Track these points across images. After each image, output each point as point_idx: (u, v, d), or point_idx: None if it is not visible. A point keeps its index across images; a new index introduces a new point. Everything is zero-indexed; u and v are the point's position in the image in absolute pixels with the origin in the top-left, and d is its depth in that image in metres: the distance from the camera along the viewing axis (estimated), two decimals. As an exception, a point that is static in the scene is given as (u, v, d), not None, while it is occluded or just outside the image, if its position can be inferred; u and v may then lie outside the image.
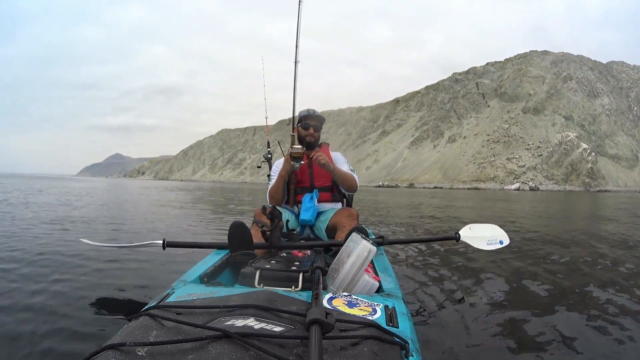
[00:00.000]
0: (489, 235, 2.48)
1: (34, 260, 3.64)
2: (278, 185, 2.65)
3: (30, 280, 2.93)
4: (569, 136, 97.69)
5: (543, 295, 2.85)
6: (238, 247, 1.92)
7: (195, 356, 0.80)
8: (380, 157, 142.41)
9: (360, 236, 1.61)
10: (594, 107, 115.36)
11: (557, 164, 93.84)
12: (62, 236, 5.27)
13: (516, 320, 2.28)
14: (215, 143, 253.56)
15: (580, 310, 2.50)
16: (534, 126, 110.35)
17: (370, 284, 1.56)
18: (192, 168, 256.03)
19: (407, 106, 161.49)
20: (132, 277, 3.16)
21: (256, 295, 1.15)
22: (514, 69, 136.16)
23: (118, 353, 0.82)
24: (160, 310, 1.04)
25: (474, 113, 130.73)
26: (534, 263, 3.89)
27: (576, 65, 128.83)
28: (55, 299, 2.53)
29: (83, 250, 3.97)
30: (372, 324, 1.00)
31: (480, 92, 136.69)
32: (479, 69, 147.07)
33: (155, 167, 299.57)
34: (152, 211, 10.44)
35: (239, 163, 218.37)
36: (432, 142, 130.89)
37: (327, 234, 2.53)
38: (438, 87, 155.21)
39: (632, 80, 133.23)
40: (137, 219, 8.18)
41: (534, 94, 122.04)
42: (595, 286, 3.07)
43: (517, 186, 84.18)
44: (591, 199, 28.00)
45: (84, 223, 7.05)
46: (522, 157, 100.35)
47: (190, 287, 1.47)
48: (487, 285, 3.08)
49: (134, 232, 6.03)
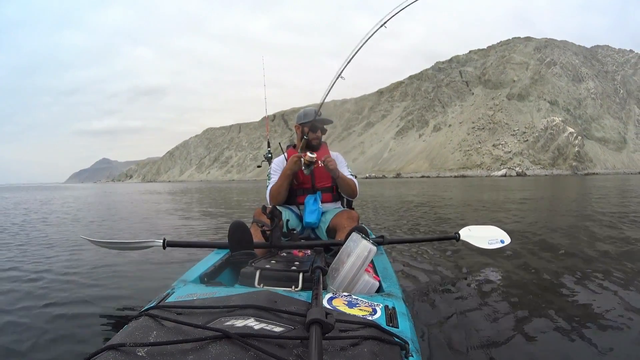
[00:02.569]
0: (490, 235, 2.51)
1: (34, 260, 3.73)
2: (282, 185, 2.59)
3: (30, 280, 3.00)
4: (555, 121, 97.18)
5: (544, 295, 2.80)
6: (238, 246, 1.93)
7: (195, 356, 0.80)
8: (366, 148, 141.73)
9: (361, 236, 1.60)
10: (579, 91, 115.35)
11: (544, 149, 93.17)
12: (62, 236, 5.40)
13: (516, 320, 2.29)
14: (201, 142, 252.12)
15: (580, 310, 2.48)
16: (519, 112, 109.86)
17: (370, 284, 1.55)
18: (179, 169, 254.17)
19: (391, 97, 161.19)
20: (132, 277, 3.15)
21: (256, 295, 1.15)
22: (497, 56, 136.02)
23: (118, 353, 0.82)
24: (160, 311, 1.04)
25: (458, 101, 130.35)
26: (535, 262, 3.75)
27: (560, 51, 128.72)
28: (55, 299, 2.55)
29: (83, 249, 4.14)
30: (372, 324, 1.00)
31: (464, 80, 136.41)
32: (462, 58, 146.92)
33: (142, 169, 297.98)
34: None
35: (226, 161, 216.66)
36: (418, 131, 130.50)
37: (328, 234, 2.50)
38: (421, 76, 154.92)
39: (617, 64, 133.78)
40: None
41: (518, 80, 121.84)
42: (597, 283, 2.98)
43: (503, 172, 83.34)
44: (580, 182, 28.52)
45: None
46: (508, 143, 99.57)
47: (190, 287, 1.47)
48: (487, 285, 3.02)
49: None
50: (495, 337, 2.01)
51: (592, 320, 2.22)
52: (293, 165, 2.52)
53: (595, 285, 2.90)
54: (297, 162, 2.51)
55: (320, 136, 2.75)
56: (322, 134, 2.77)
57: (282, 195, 2.62)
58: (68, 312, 2.28)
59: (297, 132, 2.77)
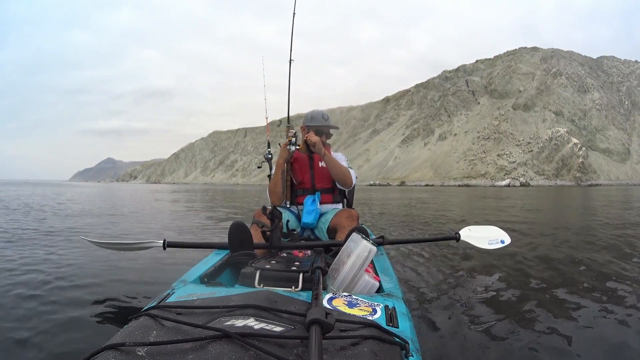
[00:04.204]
0: (490, 235, 2.49)
1: (34, 260, 3.68)
2: (277, 176, 2.61)
3: (30, 280, 2.96)
4: (560, 131, 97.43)
5: (544, 295, 2.82)
6: (238, 247, 1.91)
7: (195, 356, 0.80)
8: (372, 156, 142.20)
9: (361, 236, 1.60)
10: (584, 102, 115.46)
11: (548, 159, 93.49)
12: (62, 235, 5.38)
13: (516, 320, 2.29)
14: (207, 145, 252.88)
15: (580, 310, 2.50)
16: (524, 122, 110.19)
17: (371, 284, 1.55)
18: (184, 171, 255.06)
19: (397, 105, 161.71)
20: (132, 277, 3.15)
21: (256, 295, 1.15)
22: (503, 66, 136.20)
23: (118, 353, 0.82)
24: (160, 311, 1.04)
25: (464, 110, 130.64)
26: (535, 262, 3.85)
27: (566, 61, 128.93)
28: (54, 299, 2.54)
29: (83, 249, 4.07)
30: (372, 324, 1.00)
31: (470, 90, 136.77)
32: (469, 67, 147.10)
33: (147, 170, 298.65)
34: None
35: (231, 165, 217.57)
36: (423, 140, 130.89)
37: (328, 234, 2.49)
38: (428, 85, 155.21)
39: (622, 75, 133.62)
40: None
41: (523, 90, 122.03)
42: (598, 285, 3.04)
43: (507, 182, 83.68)
44: (583, 193, 28.64)
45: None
46: (513, 153, 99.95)
47: (190, 287, 1.47)
48: (487, 285, 3.07)
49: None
50: (495, 337, 2.03)
51: (591, 322, 2.26)
52: (282, 152, 2.59)
53: (596, 288, 2.93)
54: (283, 148, 2.57)
55: (324, 140, 2.77)
56: (326, 138, 2.80)
57: (279, 189, 2.62)
58: (68, 312, 2.29)
59: (302, 133, 2.78)
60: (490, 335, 2.05)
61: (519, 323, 2.22)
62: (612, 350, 1.92)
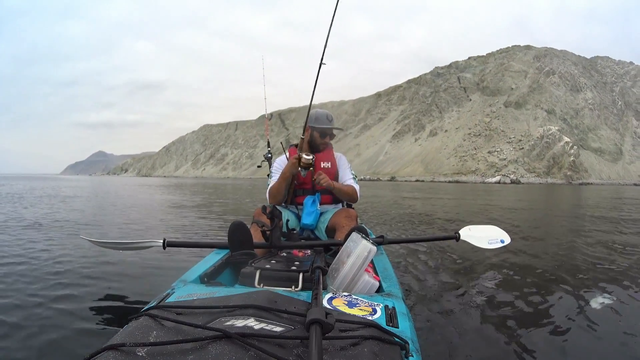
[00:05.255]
0: (490, 235, 2.52)
1: (33, 260, 3.67)
2: (280, 186, 2.61)
3: (30, 280, 2.97)
4: (551, 130, 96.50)
5: (544, 295, 2.84)
6: (238, 247, 1.93)
7: (195, 356, 0.80)
8: (362, 150, 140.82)
9: (360, 236, 1.60)
10: (576, 101, 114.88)
11: (539, 157, 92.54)
12: (61, 236, 5.31)
13: (517, 320, 2.31)
14: (198, 138, 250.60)
15: (580, 310, 2.51)
16: (516, 120, 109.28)
17: (370, 284, 1.54)
18: (174, 164, 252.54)
19: (388, 100, 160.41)
20: (132, 277, 3.16)
21: (256, 295, 1.15)
22: (496, 63, 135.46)
23: (118, 353, 0.81)
24: (160, 311, 1.04)
25: (455, 107, 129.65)
26: (535, 262, 3.86)
27: (559, 60, 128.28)
28: (54, 299, 2.54)
29: (82, 249, 4.09)
30: (372, 324, 1.00)
31: (462, 86, 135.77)
32: (461, 63, 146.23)
33: (138, 164, 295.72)
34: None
35: (221, 158, 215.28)
36: (414, 135, 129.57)
37: (327, 234, 2.52)
38: (420, 80, 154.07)
39: (616, 75, 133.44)
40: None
41: (515, 88, 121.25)
42: (594, 284, 3.08)
43: (498, 179, 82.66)
44: (573, 192, 28.86)
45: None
46: (504, 151, 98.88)
47: (190, 287, 1.47)
48: (487, 285, 3.08)
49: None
50: (495, 336, 2.02)
51: (591, 321, 2.24)
52: (291, 167, 2.52)
53: (596, 288, 2.91)
54: (294, 164, 2.50)
55: (328, 141, 2.76)
56: (330, 139, 2.79)
57: (281, 195, 2.62)
58: (68, 312, 2.28)
59: (306, 133, 2.72)
60: (491, 335, 2.06)
61: (519, 322, 2.25)
62: (612, 350, 1.93)
